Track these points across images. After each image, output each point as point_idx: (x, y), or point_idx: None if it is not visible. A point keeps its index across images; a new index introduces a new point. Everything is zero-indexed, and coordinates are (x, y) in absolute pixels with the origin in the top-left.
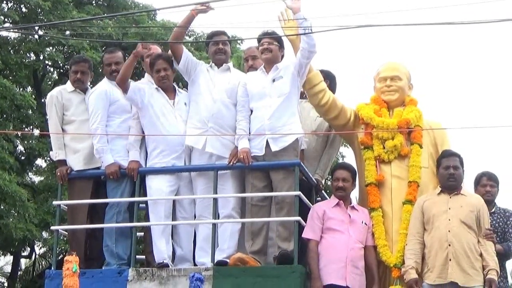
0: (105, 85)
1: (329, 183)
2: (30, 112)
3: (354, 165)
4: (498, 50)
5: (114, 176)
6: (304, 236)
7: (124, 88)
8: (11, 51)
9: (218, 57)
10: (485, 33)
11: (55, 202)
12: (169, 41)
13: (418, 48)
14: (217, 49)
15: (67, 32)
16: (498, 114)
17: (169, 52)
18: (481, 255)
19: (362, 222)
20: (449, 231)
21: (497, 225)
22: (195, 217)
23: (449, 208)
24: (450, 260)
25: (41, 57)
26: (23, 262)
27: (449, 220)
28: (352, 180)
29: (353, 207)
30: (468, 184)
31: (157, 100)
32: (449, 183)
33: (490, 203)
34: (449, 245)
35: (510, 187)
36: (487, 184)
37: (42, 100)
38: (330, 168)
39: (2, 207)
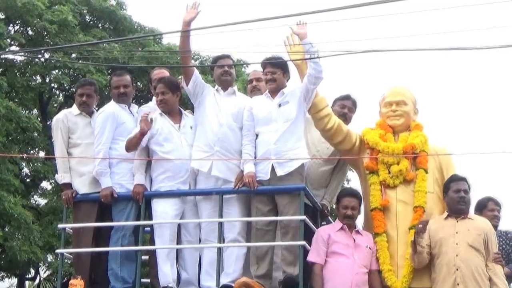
0: (113, 107)
1: (334, 206)
2: (35, 134)
3: (359, 189)
4: (504, 75)
5: (105, 200)
6: (309, 259)
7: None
8: (18, 73)
9: (224, 79)
10: (492, 58)
11: (60, 225)
12: (176, 63)
13: (425, 73)
14: (223, 71)
15: (73, 55)
16: (504, 139)
17: (180, 75)
18: (489, 279)
19: (367, 247)
20: (456, 255)
21: (500, 248)
22: (200, 241)
23: (457, 232)
24: (458, 284)
25: (47, 80)
26: (27, 284)
27: (457, 244)
28: (359, 207)
29: (357, 231)
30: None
31: (161, 124)
32: (459, 206)
33: (496, 227)
34: (457, 269)
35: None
36: (494, 209)
37: (48, 123)
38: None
39: (7, 230)
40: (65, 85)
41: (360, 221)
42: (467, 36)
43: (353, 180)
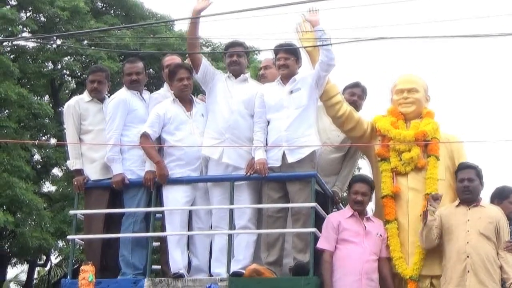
0: (125, 94)
1: (345, 194)
2: (47, 121)
3: (370, 177)
4: None
5: (116, 186)
6: (319, 246)
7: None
8: (29, 60)
9: (232, 68)
10: (503, 46)
11: (71, 212)
12: (186, 50)
13: (436, 60)
14: (231, 61)
15: (85, 42)
16: None
17: (186, 61)
18: (500, 267)
19: (377, 234)
20: (467, 242)
21: None
22: (211, 227)
23: (468, 220)
24: (468, 272)
25: (59, 67)
26: (38, 270)
27: (468, 231)
28: (370, 194)
29: (368, 218)
30: (484, 196)
31: (173, 113)
32: (465, 196)
33: (511, 219)
34: (467, 256)
35: None
36: None
37: (59, 109)
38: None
39: (18, 216)
40: (77, 72)
41: (371, 208)
42: (479, 22)
43: (364, 168)
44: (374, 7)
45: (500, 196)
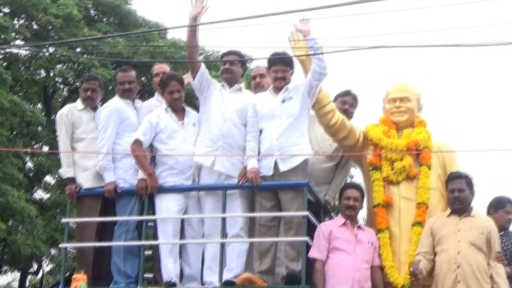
0: (117, 102)
1: (336, 203)
2: (39, 128)
3: (362, 185)
4: (508, 72)
5: (109, 194)
6: (310, 255)
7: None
8: (22, 67)
9: (224, 77)
10: (497, 55)
11: (63, 220)
12: (185, 58)
13: (428, 69)
14: (224, 69)
15: (78, 50)
16: (508, 136)
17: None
18: (491, 277)
19: (369, 242)
20: (458, 252)
21: (505, 247)
22: (203, 236)
23: (459, 230)
24: (459, 282)
25: (52, 74)
26: (30, 278)
27: (458, 242)
28: (361, 200)
29: (359, 227)
30: (479, 205)
31: (165, 121)
32: (455, 206)
33: (506, 229)
34: (458, 267)
35: None
36: (511, 212)
37: (52, 117)
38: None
39: (10, 224)
40: (70, 80)
41: (362, 216)
42: (474, 32)
43: (356, 176)
44: (367, 16)
45: (496, 206)
